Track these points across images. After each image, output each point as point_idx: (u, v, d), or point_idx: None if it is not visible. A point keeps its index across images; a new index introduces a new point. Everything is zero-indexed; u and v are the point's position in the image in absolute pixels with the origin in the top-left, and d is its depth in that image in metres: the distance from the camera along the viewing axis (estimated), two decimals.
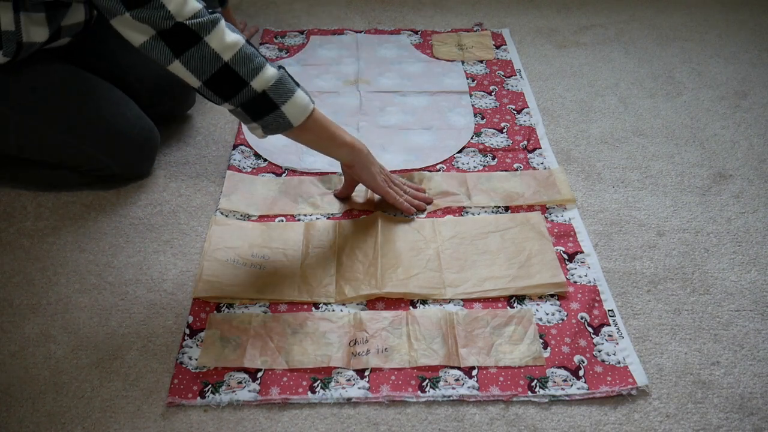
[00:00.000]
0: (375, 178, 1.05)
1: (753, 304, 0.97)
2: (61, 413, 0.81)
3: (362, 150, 1.04)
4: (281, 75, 0.92)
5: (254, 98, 0.91)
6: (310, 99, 0.97)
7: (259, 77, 0.90)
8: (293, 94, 0.93)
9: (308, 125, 0.96)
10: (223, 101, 0.91)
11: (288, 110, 0.92)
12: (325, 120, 0.99)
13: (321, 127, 0.99)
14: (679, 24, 1.70)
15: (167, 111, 1.27)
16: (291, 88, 0.93)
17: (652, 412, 0.82)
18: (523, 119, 1.33)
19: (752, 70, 1.52)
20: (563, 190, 1.14)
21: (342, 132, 1.02)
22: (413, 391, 0.83)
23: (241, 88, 0.89)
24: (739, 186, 1.19)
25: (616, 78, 1.48)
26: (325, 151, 1.04)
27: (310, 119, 0.96)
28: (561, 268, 0.99)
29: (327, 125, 1.00)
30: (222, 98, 0.91)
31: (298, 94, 0.94)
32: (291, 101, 0.93)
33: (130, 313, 0.94)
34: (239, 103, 0.91)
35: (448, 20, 1.68)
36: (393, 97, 1.39)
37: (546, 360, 0.87)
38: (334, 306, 0.94)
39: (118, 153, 1.11)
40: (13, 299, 0.95)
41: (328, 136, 1.00)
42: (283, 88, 0.92)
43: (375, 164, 1.06)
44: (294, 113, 0.93)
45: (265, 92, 0.90)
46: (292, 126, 0.94)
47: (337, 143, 1.01)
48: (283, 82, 0.92)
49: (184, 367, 0.85)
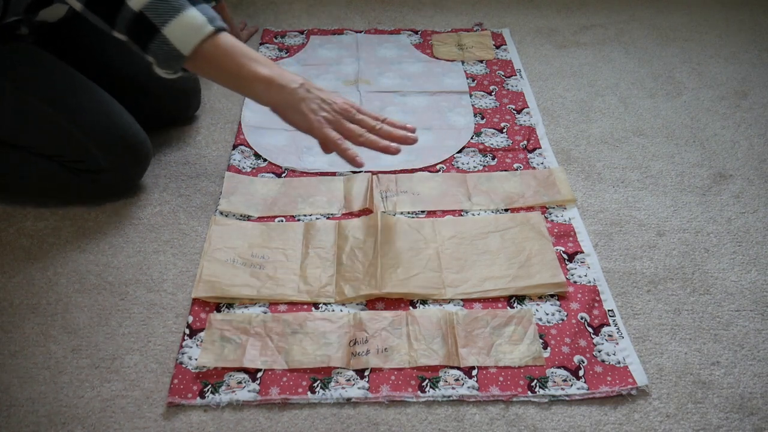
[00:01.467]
0: (306, 117, 0.80)
1: (753, 304, 0.97)
2: (61, 413, 0.81)
3: (286, 85, 0.80)
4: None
5: (133, 20, 0.75)
6: (208, 19, 0.78)
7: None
8: (180, 11, 0.75)
9: (205, 53, 0.77)
10: (110, 28, 0.77)
11: (172, 34, 0.75)
12: (233, 47, 0.79)
13: (224, 56, 0.78)
14: (679, 24, 1.70)
15: (171, 117, 1.25)
16: (177, 5, 0.76)
17: (652, 412, 0.82)
18: (523, 119, 1.33)
19: (752, 70, 1.52)
20: (563, 190, 1.14)
21: (257, 63, 0.79)
22: (413, 391, 0.83)
23: (118, 7, 0.75)
24: (740, 186, 1.19)
25: (616, 78, 1.48)
26: (236, 89, 0.83)
27: (208, 45, 0.77)
28: (561, 268, 0.99)
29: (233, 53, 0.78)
30: (106, 23, 0.77)
31: (189, 12, 0.76)
32: (176, 21, 0.75)
33: (130, 313, 0.94)
34: (123, 29, 0.76)
35: (448, 20, 1.68)
36: (393, 97, 1.39)
37: (546, 360, 0.87)
38: (334, 306, 0.94)
39: (110, 147, 1.03)
40: (13, 299, 0.95)
41: (234, 67, 0.78)
42: (165, 6, 0.75)
43: (310, 98, 0.81)
44: (180, 37, 0.76)
45: (142, 12, 0.75)
46: (182, 55, 0.76)
47: (245, 77, 0.79)
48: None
49: (184, 367, 0.86)
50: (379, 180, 1.15)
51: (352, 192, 1.13)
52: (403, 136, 0.82)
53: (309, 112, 0.80)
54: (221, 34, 0.78)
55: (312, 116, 0.80)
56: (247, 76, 0.79)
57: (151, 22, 0.75)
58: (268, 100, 0.81)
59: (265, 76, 0.79)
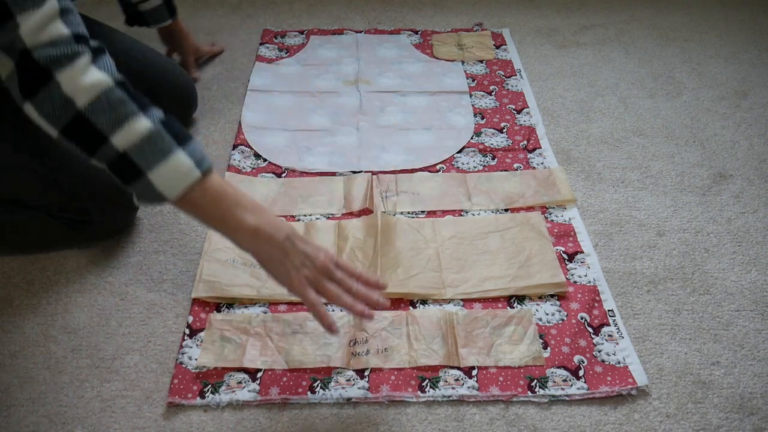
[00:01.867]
0: (288, 275, 0.74)
1: (753, 304, 0.97)
2: (61, 413, 0.81)
3: (272, 237, 0.74)
4: (153, 130, 0.71)
5: (116, 158, 0.70)
6: (195, 163, 0.72)
7: (122, 132, 0.70)
8: (167, 156, 0.70)
9: (191, 199, 0.72)
10: (88, 157, 0.72)
11: (158, 179, 0.70)
12: (220, 192, 0.74)
13: (211, 202, 0.73)
14: (679, 24, 1.70)
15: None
16: (164, 149, 0.71)
17: (652, 412, 0.82)
18: (523, 119, 1.33)
19: (752, 70, 1.52)
20: (563, 190, 1.14)
21: (243, 210, 0.74)
22: (413, 391, 0.83)
23: (100, 143, 0.70)
24: (739, 186, 1.19)
25: (616, 78, 1.48)
26: (220, 233, 0.76)
27: (195, 191, 0.72)
28: (561, 268, 0.99)
29: (220, 199, 0.73)
30: (86, 153, 0.71)
31: (177, 156, 0.71)
32: (163, 166, 0.70)
33: (130, 313, 0.94)
34: (104, 162, 0.71)
35: (448, 20, 1.68)
36: (393, 97, 1.39)
37: (546, 360, 0.87)
38: (334, 306, 0.94)
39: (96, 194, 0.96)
40: (13, 299, 0.95)
41: (220, 214, 0.74)
42: (153, 148, 0.70)
43: (294, 253, 0.75)
44: (166, 183, 0.71)
45: (127, 153, 0.70)
46: (165, 198, 0.72)
47: (231, 225, 0.74)
48: (154, 139, 0.70)
49: (184, 367, 0.86)
50: (379, 180, 1.15)
51: (352, 192, 1.13)
52: (375, 301, 0.77)
53: (291, 269, 0.74)
54: (209, 177, 0.74)
55: (294, 274, 0.74)
56: (234, 225, 0.74)
57: (136, 164, 0.70)
58: (252, 250, 0.76)
59: (252, 227, 0.74)
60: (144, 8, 1.28)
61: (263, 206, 0.77)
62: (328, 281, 0.76)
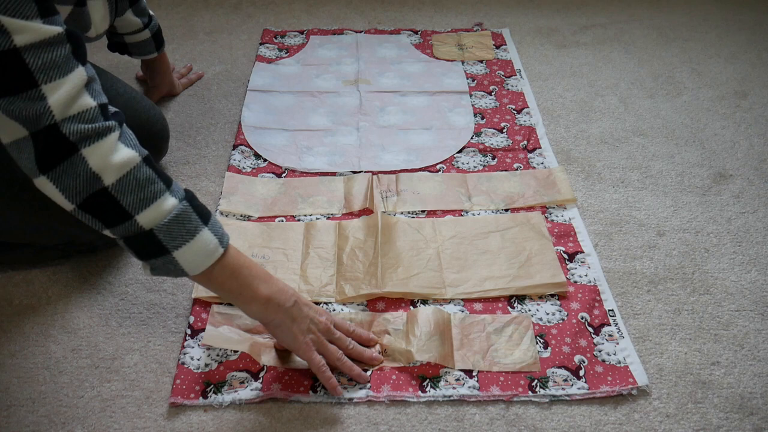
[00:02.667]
0: (296, 340, 0.78)
1: (753, 304, 0.97)
2: (61, 413, 0.81)
3: (281, 305, 0.78)
4: (181, 210, 0.71)
5: (139, 235, 0.70)
6: (219, 240, 0.73)
7: (148, 210, 0.69)
8: (194, 236, 0.71)
9: (211, 274, 0.74)
10: (105, 228, 0.71)
11: (183, 257, 0.71)
12: (238, 266, 0.76)
13: (230, 276, 0.75)
14: (679, 24, 1.70)
15: None
16: (192, 229, 0.71)
17: (653, 412, 0.82)
18: (523, 119, 1.33)
19: (752, 70, 1.52)
20: (563, 190, 1.14)
21: (258, 281, 0.77)
22: (414, 391, 0.83)
23: (124, 220, 0.69)
24: (739, 186, 1.19)
25: (616, 78, 1.48)
26: (231, 302, 0.81)
27: (216, 267, 0.74)
28: (561, 268, 0.99)
29: (239, 273, 0.76)
30: (103, 225, 0.70)
31: (202, 236, 0.72)
32: (189, 246, 0.71)
33: (130, 313, 0.94)
34: (121, 235, 0.71)
35: (448, 20, 1.68)
36: (393, 97, 1.39)
37: (546, 360, 0.87)
38: (335, 306, 0.94)
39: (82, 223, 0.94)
40: (13, 299, 0.95)
41: (237, 287, 0.76)
42: (180, 229, 0.70)
43: (300, 319, 0.79)
44: (191, 261, 0.72)
45: (153, 231, 0.69)
46: (187, 275, 0.73)
47: (245, 296, 0.77)
48: (181, 219, 0.70)
49: (186, 367, 0.85)
50: (379, 180, 1.15)
51: (352, 192, 1.13)
52: (369, 357, 0.84)
53: (299, 334, 0.79)
54: (229, 253, 0.75)
55: (301, 338, 0.79)
56: (249, 296, 0.77)
57: (162, 243, 0.70)
58: (262, 318, 0.79)
59: (264, 297, 0.77)
60: (131, 40, 1.22)
61: (271, 274, 0.80)
62: (329, 343, 0.82)
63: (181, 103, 1.37)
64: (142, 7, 1.19)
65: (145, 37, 1.22)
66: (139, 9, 1.18)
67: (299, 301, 0.80)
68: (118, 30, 1.20)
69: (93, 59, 1.30)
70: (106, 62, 1.42)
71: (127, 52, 1.25)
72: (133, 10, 1.17)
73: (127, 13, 1.16)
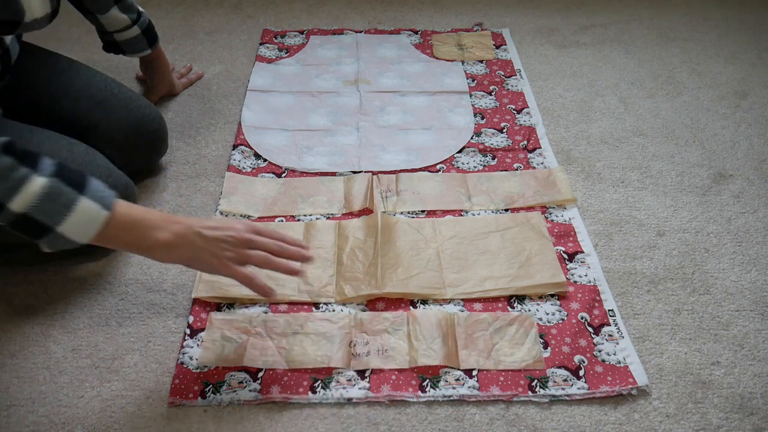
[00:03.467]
0: (211, 264, 0.79)
1: (753, 304, 0.97)
2: (61, 413, 0.81)
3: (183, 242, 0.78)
4: (50, 188, 0.71)
5: (18, 221, 0.71)
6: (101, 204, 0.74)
7: (18, 196, 0.70)
8: (72, 208, 0.72)
9: (103, 235, 0.75)
10: None
11: (68, 230, 0.73)
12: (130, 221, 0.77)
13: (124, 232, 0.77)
14: (679, 24, 1.70)
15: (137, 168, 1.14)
16: (67, 202, 0.72)
17: (652, 412, 0.82)
18: (523, 119, 1.33)
19: (752, 70, 1.52)
20: (563, 190, 1.14)
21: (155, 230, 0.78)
22: (413, 391, 0.83)
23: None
24: (739, 186, 1.19)
25: (616, 78, 1.48)
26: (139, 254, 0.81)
27: (106, 228, 0.75)
28: (561, 268, 0.99)
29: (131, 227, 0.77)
30: None
31: (81, 205, 0.73)
32: (70, 219, 0.72)
33: (130, 314, 0.94)
34: (5, 224, 0.73)
35: (448, 20, 1.68)
36: (393, 97, 1.39)
37: (546, 360, 0.87)
38: (335, 306, 0.94)
39: None
40: (13, 299, 0.95)
41: (134, 240, 0.78)
42: (55, 205, 0.72)
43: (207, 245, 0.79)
44: (77, 231, 0.74)
45: (27, 215, 0.71)
46: (79, 244, 0.75)
47: (146, 247, 0.78)
48: (53, 196, 0.71)
49: (185, 367, 0.85)
50: (379, 180, 1.15)
51: (352, 192, 1.13)
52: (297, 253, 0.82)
53: (212, 258, 0.79)
54: (116, 208, 0.76)
55: (216, 261, 0.79)
56: (148, 246, 0.78)
57: (41, 222, 0.72)
58: (173, 260, 0.80)
59: (164, 242, 0.78)
60: (121, 38, 1.21)
61: (168, 216, 0.80)
62: (252, 250, 0.80)
63: (181, 103, 1.37)
64: (128, 4, 1.18)
65: (135, 34, 1.21)
66: (125, 5, 1.17)
67: (201, 229, 0.79)
68: (106, 28, 1.19)
69: (92, 60, 1.31)
70: (105, 63, 1.42)
71: (120, 51, 1.24)
72: (119, 6, 1.16)
73: (112, 9, 1.15)
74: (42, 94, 1.07)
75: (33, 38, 1.12)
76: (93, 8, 1.15)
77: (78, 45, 1.52)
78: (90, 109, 1.06)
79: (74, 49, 1.49)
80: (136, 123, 1.09)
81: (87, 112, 1.06)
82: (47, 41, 1.19)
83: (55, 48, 1.17)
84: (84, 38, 1.52)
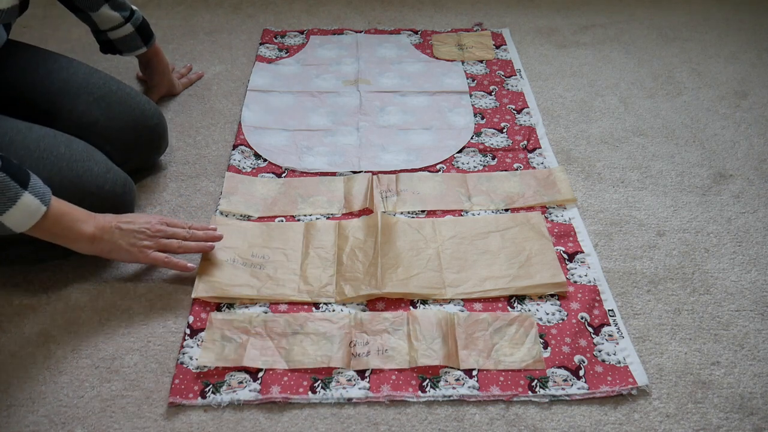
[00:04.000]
0: (130, 254, 0.91)
1: (753, 304, 0.97)
2: (61, 413, 0.81)
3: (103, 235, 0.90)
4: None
5: None
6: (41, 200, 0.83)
7: None
8: (16, 201, 0.80)
9: (37, 227, 0.84)
10: None
11: (9, 220, 0.80)
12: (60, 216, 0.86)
13: (53, 225, 0.86)
14: (679, 24, 1.70)
15: (137, 165, 1.14)
16: (12, 195, 0.80)
17: (652, 412, 0.82)
18: (523, 119, 1.33)
19: (752, 70, 1.52)
20: (563, 190, 1.14)
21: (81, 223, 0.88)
22: (413, 391, 0.83)
23: None
24: (739, 186, 1.19)
25: (616, 78, 1.48)
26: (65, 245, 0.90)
27: (41, 221, 0.83)
28: (561, 268, 0.99)
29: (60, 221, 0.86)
30: None
31: (24, 200, 0.81)
32: (12, 211, 0.80)
33: (130, 313, 0.94)
34: None
35: (448, 20, 1.68)
36: (393, 97, 1.39)
37: (546, 360, 0.87)
38: (335, 306, 0.94)
39: None
40: (13, 299, 0.95)
41: (61, 232, 0.87)
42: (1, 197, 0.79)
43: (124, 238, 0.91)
44: (17, 222, 0.81)
45: None
46: (13, 232, 0.82)
47: (72, 238, 0.88)
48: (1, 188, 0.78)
49: (185, 367, 0.85)
50: (379, 180, 1.15)
51: (352, 192, 1.13)
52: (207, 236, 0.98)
53: (130, 248, 0.91)
54: (51, 205, 0.85)
55: (134, 250, 0.92)
56: (73, 238, 0.88)
57: None
58: (95, 252, 0.91)
59: (88, 234, 0.89)
60: (114, 36, 1.20)
61: (92, 213, 0.90)
62: (166, 239, 0.94)
63: (181, 103, 1.37)
64: (119, 2, 1.17)
65: (129, 32, 1.20)
66: (116, 3, 1.17)
67: (119, 223, 0.92)
68: (99, 26, 1.19)
69: (93, 60, 1.31)
70: (105, 63, 1.42)
71: (117, 50, 1.23)
72: (110, 4, 1.16)
73: (102, 7, 1.15)
74: (40, 91, 1.07)
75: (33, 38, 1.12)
76: (83, 6, 1.15)
77: (78, 45, 1.52)
78: (89, 106, 1.06)
79: (74, 49, 1.49)
80: (135, 118, 1.10)
81: (86, 109, 1.06)
82: (48, 41, 1.19)
83: (56, 48, 1.17)
84: (84, 38, 1.52)
